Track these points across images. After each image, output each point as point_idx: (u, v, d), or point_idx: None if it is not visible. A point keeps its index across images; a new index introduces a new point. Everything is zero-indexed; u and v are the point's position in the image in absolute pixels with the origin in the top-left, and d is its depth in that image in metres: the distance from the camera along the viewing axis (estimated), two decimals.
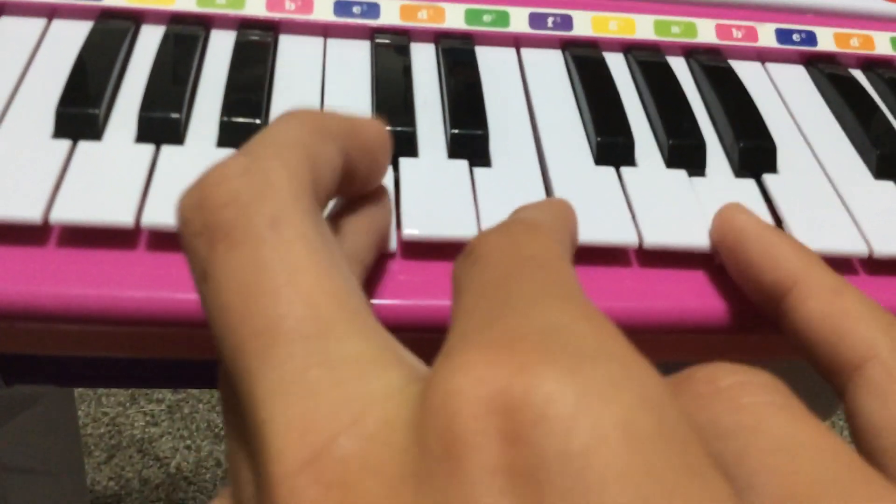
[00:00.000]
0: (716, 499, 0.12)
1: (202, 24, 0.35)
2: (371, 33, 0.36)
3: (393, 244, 0.27)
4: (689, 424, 0.13)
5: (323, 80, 0.34)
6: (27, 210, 0.26)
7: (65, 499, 0.85)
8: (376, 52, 0.35)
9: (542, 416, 0.12)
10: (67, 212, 0.26)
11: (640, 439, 0.12)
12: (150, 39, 0.34)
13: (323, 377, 0.14)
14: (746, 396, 0.16)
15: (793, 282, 0.23)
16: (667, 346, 0.30)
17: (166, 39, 0.34)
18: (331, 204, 0.24)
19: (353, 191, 0.23)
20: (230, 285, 0.16)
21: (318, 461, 0.13)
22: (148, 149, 0.29)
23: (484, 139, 0.31)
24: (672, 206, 0.30)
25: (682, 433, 0.13)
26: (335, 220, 0.23)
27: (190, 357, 0.29)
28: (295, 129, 0.19)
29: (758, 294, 0.25)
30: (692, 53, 0.39)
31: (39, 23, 0.35)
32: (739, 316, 0.28)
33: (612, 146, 0.32)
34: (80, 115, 0.29)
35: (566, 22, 0.38)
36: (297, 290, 0.15)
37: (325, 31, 0.36)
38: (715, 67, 0.38)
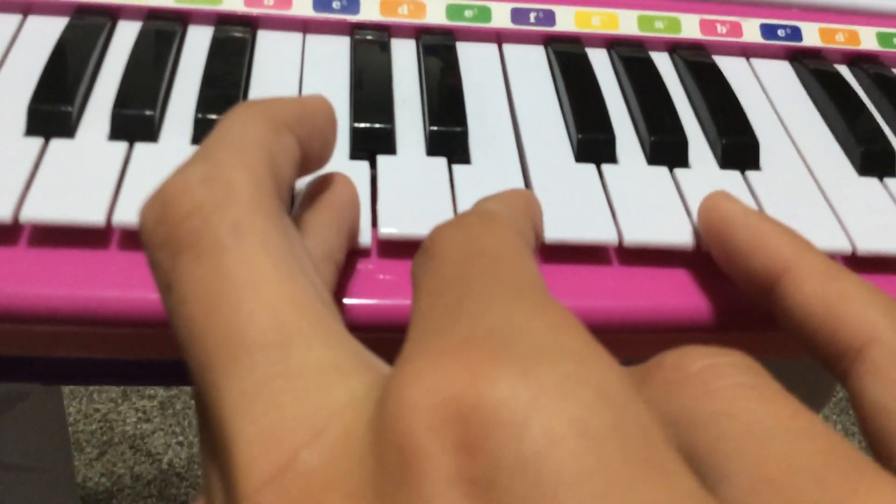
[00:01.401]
0: (679, 495, 0.12)
1: (179, 20, 0.35)
2: (351, 29, 0.36)
3: (367, 240, 0.27)
4: (652, 418, 0.13)
5: (301, 76, 0.34)
6: None
7: (54, 495, 0.84)
8: (356, 47, 0.35)
9: (495, 421, 0.12)
10: (38, 210, 0.26)
11: (595, 438, 0.12)
12: (126, 35, 0.34)
13: (285, 388, 0.14)
14: (717, 380, 0.15)
15: (784, 267, 0.23)
16: (648, 345, 0.30)
17: (142, 35, 0.34)
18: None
19: (307, 173, 0.22)
20: (193, 296, 0.15)
21: (281, 477, 0.13)
22: (121, 146, 0.29)
23: (463, 136, 0.31)
24: (653, 203, 0.30)
25: (643, 428, 0.12)
26: (304, 219, 0.23)
27: (167, 358, 0.29)
28: (252, 126, 0.19)
29: (748, 282, 0.24)
30: (676, 49, 0.38)
31: (14, 19, 0.34)
32: (722, 314, 0.28)
33: (593, 143, 0.32)
34: (52, 112, 0.29)
35: (549, 17, 0.37)
36: (258, 298, 0.15)
37: (305, 26, 0.36)
38: (699, 63, 0.37)
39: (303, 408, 0.14)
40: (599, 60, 0.37)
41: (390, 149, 0.31)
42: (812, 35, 0.40)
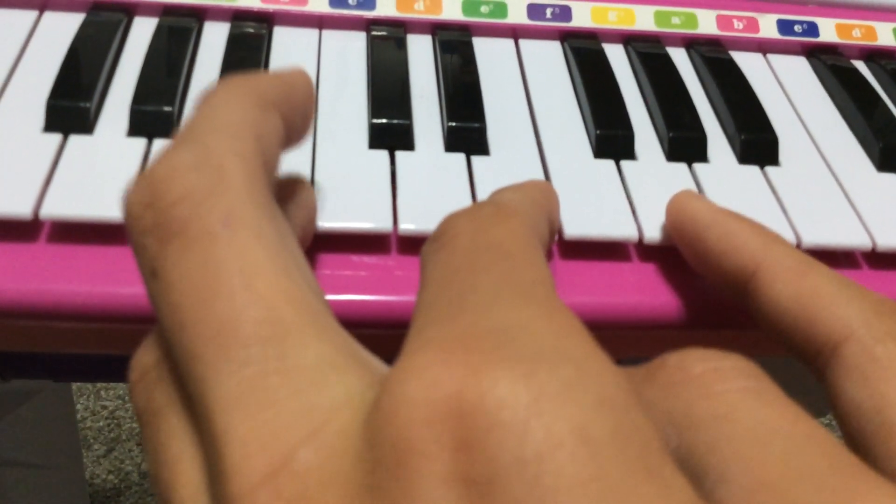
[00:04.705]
0: (673, 501, 0.12)
1: (195, 16, 0.35)
2: (367, 25, 0.36)
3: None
4: (650, 426, 0.13)
5: (318, 72, 0.34)
6: (17, 205, 0.25)
7: (63, 492, 0.85)
8: (372, 43, 0.35)
9: (495, 421, 0.12)
10: (58, 207, 0.26)
11: (595, 444, 0.12)
12: (142, 32, 0.34)
13: (281, 385, 0.14)
14: (719, 383, 0.15)
15: (755, 265, 0.22)
16: (667, 342, 0.29)
17: (159, 31, 0.34)
18: None
19: (287, 148, 0.22)
20: (183, 285, 0.15)
21: (277, 475, 0.13)
22: (140, 143, 0.29)
23: (481, 132, 0.31)
24: None
25: (641, 434, 0.12)
26: None
27: None
28: (239, 107, 0.18)
29: (720, 282, 0.24)
30: (693, 45, 0.38)
31: (31, 15, 0.34)
32: (743, 311, 0.28)
33: (612, 139, 0.32)
34: (71, 108, 0.29)
35: (565, 13, 0.37)
36: (253, 292, 0.15)
37: (321, 22, 0.36)
38: (716, 59, 0.37)
39: (300, 405, 0.14)
40: (616, 56, 0.37)
41: (408, 144, 0.30)
42: (829, 31, 0.39)
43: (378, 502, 0.12)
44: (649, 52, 0.37)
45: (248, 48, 0.33)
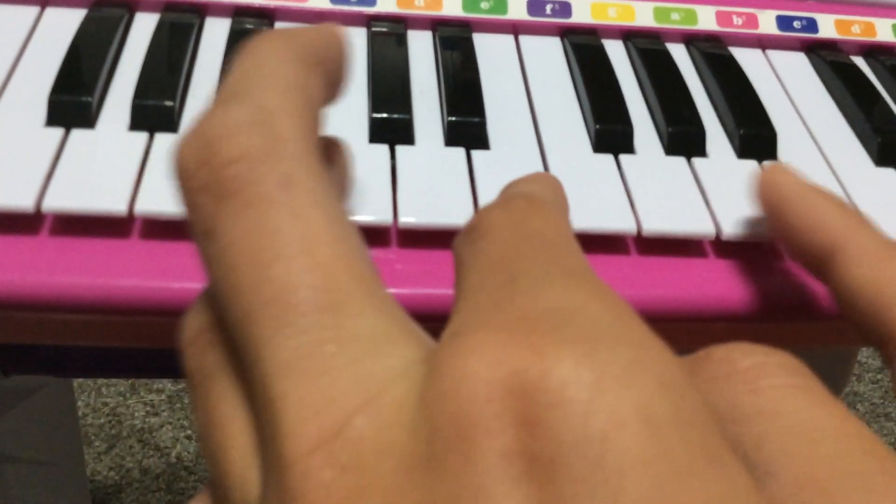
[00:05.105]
0: (733, 485, 0.12)
1: (197, 12, 0.35)
2: (367, 21, 0.36)
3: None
4: (708, 409, 0.13)
5: None
6: (20, 198, 0.26)
7: (64, 488, 0.85)
8: (373, 39, 0.35)
9: (559, 399, 0.12)
10: (60, 200, 0.26)
11: (658, 424, 0.12)
12: (144, 27, 0.34)
13: (338, 353, 0.14)
14: (765, 378, 0.15)
15: (836, 245, 0.22)
16: (665, 336, 0.30)
17: (160, 27, 0.34)
18: None
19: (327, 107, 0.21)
20: (240, 247, 0.15)
21: (333, 441, 0.13)
22: (142, 137, 0.29)
23: (481, 126, 0.31)
24: (671, 193, 0.30)
25: (701, 418, 0.12)
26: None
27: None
28: (287, 64, 0.18)
29: (802, 258, 0.24)
30: (692, 41, 0.38)
31: (32, 11, 0.34)
32: (740, 304, 0.28)
33: (611, 134, 0.32)
34: (73, 102, 0.29)
35: (565, 9, 0.37)
36: (312, 258, 0.15)
37: (321, 18, 0.36)
38: (715, 55, 0.37)
39: (355, 373, 0.14)
40: (616, 52, 0.37)
41: (409, 139, 0.31)
42: (828, 26, 0.40)
43: (436, 474, 0.12)
44: (649, 48, 0.37)
45: None
